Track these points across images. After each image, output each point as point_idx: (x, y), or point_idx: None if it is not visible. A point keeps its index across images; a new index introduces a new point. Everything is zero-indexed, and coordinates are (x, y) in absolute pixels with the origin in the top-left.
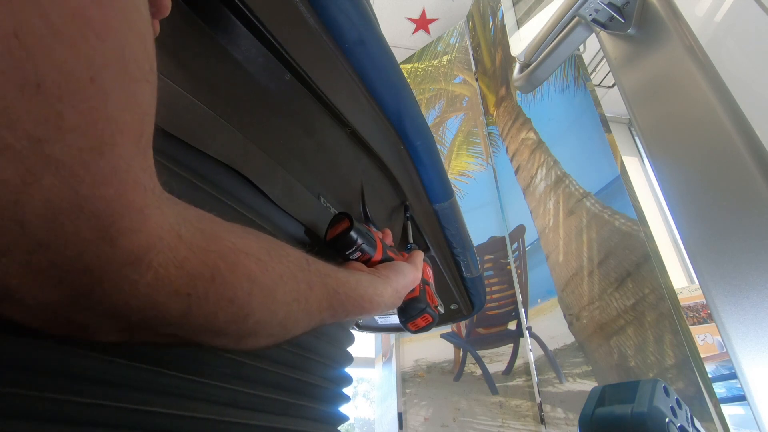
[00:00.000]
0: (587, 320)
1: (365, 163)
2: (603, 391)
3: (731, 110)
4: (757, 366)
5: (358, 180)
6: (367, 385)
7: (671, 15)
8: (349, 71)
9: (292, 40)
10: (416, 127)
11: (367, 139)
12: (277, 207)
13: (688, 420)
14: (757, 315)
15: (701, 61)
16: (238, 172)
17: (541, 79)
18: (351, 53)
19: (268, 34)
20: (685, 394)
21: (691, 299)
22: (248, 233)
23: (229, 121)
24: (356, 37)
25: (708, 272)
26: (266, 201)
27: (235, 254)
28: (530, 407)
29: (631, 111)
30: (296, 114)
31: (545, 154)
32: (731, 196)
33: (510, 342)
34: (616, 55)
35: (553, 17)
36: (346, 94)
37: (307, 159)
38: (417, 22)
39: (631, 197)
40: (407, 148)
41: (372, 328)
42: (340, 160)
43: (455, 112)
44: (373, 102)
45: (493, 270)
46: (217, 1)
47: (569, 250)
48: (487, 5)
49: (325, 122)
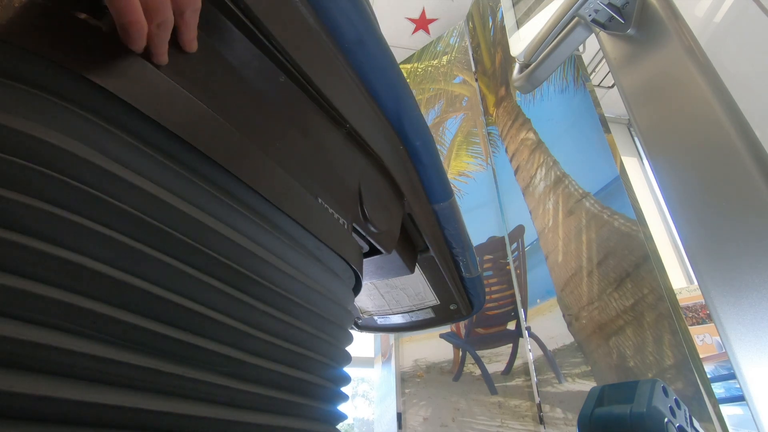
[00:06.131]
0: (586, 320)
1: (363, 163)
2: (602, 391)
3: (730, 110)
4: (756, 366)
5: (356, 180)
6: (366, 385)
7: (671, 15)
8: (349, 71)
9: (292, 40)
10: (415, 126)
11: (366, 139)
12: (276, 208)
13: (686, 420)
14: (755, 315)
15: (700, 61)
16: (237, 175)
17: (540, 79)
18: (350, 53)
19: (268, 35)
20: (684, 395)
21: (690, 299)
22: None
23: (228, 121)
24: (356, 37)
25: (707, 273)
26: (264, 202)
27: None
28: (529, 407)
29: (630, 111)
30: (295, 114)
31: (545, 155)
32: (730, 196)
33: (509, 342)
34: (616, 55)
35: (552, 17)
36: (344, 94)
37: (306, 159)
38: (417, 22)
39: (631, 198)
40: (406, 147)
41: (371, 328)
42: (338, 160)
43: (455, 112)
44: (372, 102)
45: (492, 270)
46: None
47: (568, 250)
48: (487, 5)
49: (323, 122)
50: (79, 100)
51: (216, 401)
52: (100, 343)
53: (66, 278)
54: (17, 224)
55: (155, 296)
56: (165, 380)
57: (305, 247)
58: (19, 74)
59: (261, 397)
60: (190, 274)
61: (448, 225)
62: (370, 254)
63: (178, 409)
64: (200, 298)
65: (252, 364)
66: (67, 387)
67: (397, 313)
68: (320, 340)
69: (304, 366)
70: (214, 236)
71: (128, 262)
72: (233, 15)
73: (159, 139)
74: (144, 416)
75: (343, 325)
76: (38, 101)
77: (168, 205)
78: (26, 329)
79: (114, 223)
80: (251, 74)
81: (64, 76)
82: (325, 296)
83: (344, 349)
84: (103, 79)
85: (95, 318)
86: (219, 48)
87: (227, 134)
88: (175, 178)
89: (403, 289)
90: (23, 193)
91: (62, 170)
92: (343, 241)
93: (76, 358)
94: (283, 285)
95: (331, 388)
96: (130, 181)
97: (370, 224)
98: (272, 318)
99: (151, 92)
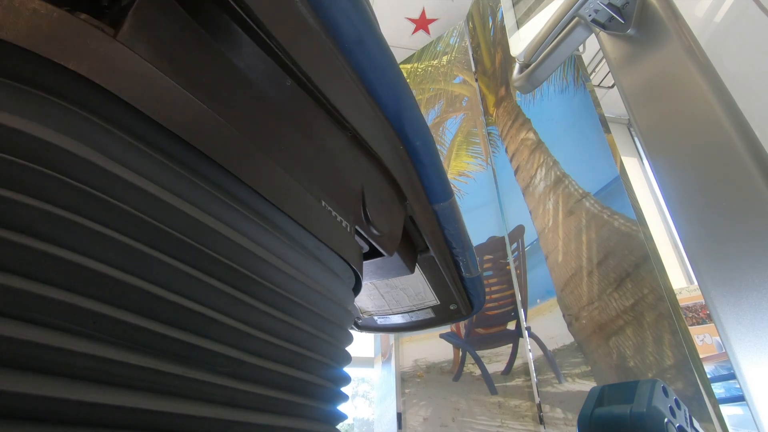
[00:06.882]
0: (586, 320)
1: (366, 164)
2: (602, 391)
3: (730, 111)
4: (756, 366)
5: (359, 182)
6: (367, 385)
7: (671, 15)
8: (348, 71)
9: (293, 40)
10: (415, 126)
11: (367, 140)
12: (278, 210)
13: (686, 420)
14: (755, 315)
15: (700, 61)
16: (241, 179)
17: (540, 79)
18: (350, 53)
19: (268, 34)
20: (684, 395)
21: (690, 300)
22: None
23: (230, 122)
24: (355, 37)
25: (707, 273)
26: (268, 204)
27: None
28: (529, 407)
29: (630, 111)
30: (298, 116)
31: (545, 155)
32: (730, 196)
33: (509, 342)
34: (616, 55)
35: (552, 17)
36: (345, 94)
37: (309, 162)
38: (417, 22)
39: (631, 198)
40: (406, 147)
41: (371, 328)
42: (341, 161)
43: (455, 113)
44: (372, 102)
45: (492, 270)
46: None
47: (568, 250)
48: (487, 5)
49: (326, 124)
50: (79, 100)
51: (216, 401)
52: (100, 343)
53: (66, 278)
54: (17, 224)
55: (155, 296)
56: (165, 380)
57: (306, 248)
58: (19, 74)
59: (261, 397)
60: (190, 274)
61: (448, 225)
62: (371, 255)
63: (178, 409)
64: (200, 298)
65: (252, 364)
66: (67, 387)
67: (397, 313)
68: (320, 340)
69: (304, 366)
70: (215, 236)
71: (128, 262)
72: (234, 13)
73: (160, 139)
74: (144, 416)
75: (343, 325)
76: (38, 101)
77: (169, 205)
78: (26, 329)
79: (114, 223)
80: (252, 74)
81: (64, 76)
82: (325, 296)
83: (344, 349)
84: (103, 78)
85: (95, 318)
86: (219, 47)
87: (229, 135)
88: (176, 179)
89: (403, 289)
90: (23, 193)
91: (62, 170)
92: (344, 242)
93: (76, 358)
94: (284, 285)
95: (331, 388)
96: (130, 181)
97: (372, 226)
98: (272, 318)
99: (153, 92)
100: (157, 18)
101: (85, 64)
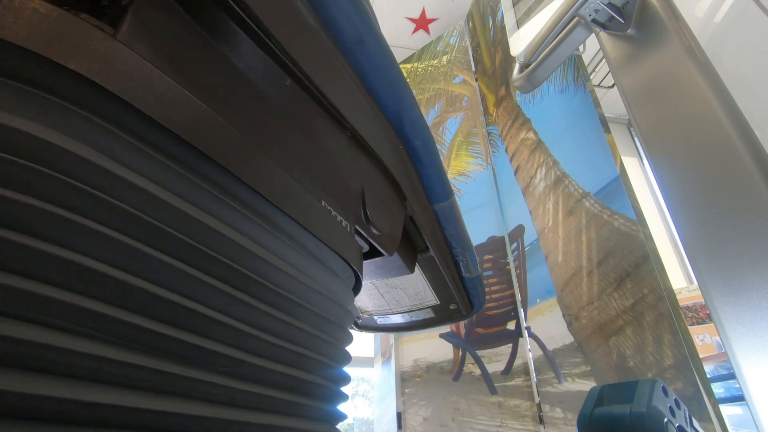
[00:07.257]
0: (586, 320)
1: (366, 164)
2: (602, 391)
3: (730, 110)
4: (756, 366)
5: (359, 182)
6: (366, 384)
7: (671, 15)
8: (348, 71)
9: (293, 40)
10: (415, 126)
11: (367, 140)
12: (278, 209)
13: (686, 420)
14: (755, 315)
15: (700, 61)
16: (241, 179)
17: (540, 79)
18: (350, 53)
19: (267, 36)
20: (684, 394)
21: (689, 299)
22: None
23: (230, 122)
24: (356, 36)
25: (707, 273)
26: (268, 204)
27: None
28: (529, 407)
29: (630, 111)
30: (298, 116)
31: (545, 154)
32: (730, 196)
33: (509, 342)
34: (616, 55)
35: (552, 17)
36: (345, 94)
37: (309, 162)
38: (417, 21)
39: (631, 198)
40: (406, 147)
41: (371, 327)
42: (342, 161)
43: (455, 112)
44: (372, 102)
45: (492, 270)
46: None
47: (568, 250)
48: (487, 5)
49: (326, 124)
50: (79, 99)
51: (216, 401)
52: (100, 342)
53: (66, 278)
54: (17, 224)
55: (155, 296)
56: (165, 380)
57: (305, 248)
58: (19, 74)
59: (261, 397)
60: (190, 274)
61: (448, 225)
62: (371, 255)
63: (178, 408)
64: (200, 298)
65: (252, 363)
66: (68, 387)
67: (397, 312)
68: (320, 339)
69: (304, 366)
70: (215, 236)
71: (128, 262)
72: (234, 13)
73: (160, 139)
74: (144, 416)
75: (343, 325)
76: (38, 101)
77: (169, 205)
78: (26, 329)
79: (114, 223)
80: (252, 74)
81: (64, 75)
82: (325, 296)
83: (344, 349)
84: (103, 78)
85: (95, 318)
86: (218, 47)
87: (229, 135)
88: (177, 179)
89: (403, 288)
90: (23, 193)
91: (62, 170)
92: (344, 241)
93: (77, 358)
94: (284, 285)
95: (331, 388)
96: (131, 181)
97: (373, 226)
98: (272, 318)
99: (152, 92)
100: (157, 17)
101: (85, 64)
